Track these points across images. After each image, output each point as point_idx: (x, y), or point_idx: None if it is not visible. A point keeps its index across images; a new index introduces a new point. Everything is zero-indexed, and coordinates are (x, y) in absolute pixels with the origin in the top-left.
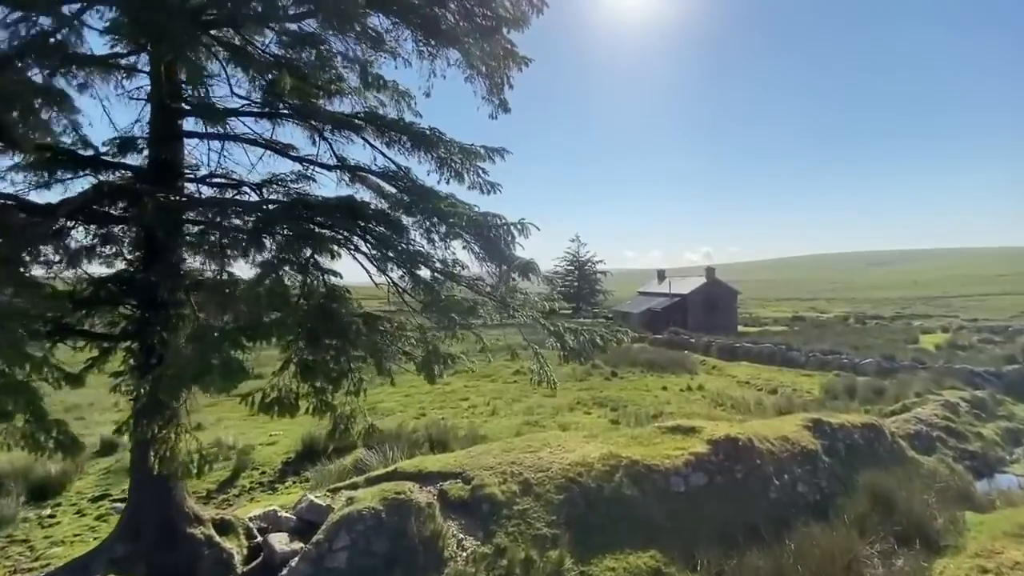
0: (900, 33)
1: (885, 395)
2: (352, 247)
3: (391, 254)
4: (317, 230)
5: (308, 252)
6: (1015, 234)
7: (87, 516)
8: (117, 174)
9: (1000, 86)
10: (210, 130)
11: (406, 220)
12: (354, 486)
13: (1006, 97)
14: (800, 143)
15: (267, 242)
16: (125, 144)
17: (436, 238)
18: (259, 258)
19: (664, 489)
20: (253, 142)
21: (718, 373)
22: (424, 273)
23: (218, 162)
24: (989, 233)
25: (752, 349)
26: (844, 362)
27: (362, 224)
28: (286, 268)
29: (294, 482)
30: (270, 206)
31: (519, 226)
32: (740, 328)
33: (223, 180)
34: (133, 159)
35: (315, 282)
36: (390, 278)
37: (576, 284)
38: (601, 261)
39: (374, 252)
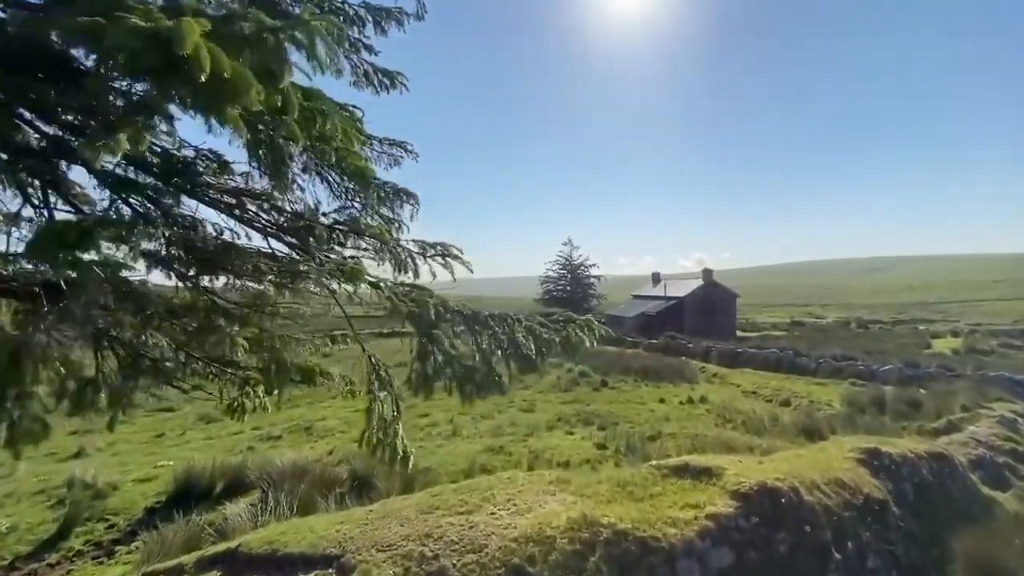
0: (893, 39)
1: (923, 409)
2: None
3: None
4: None
5: None
6: (1010, 240)
7: None
8: None
9: (996, 92)
10: None
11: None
12: (179, 569)
13: (1003, 102)
14: (792, 150)
15: None
16: None
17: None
18: None
19: None
20: None
21: (720, 382)
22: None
23: None
24: (984, 239)
25: (756, 355)
26: (860, 369)
27: None
28: None
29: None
30: None
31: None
32: (738, 333)
33: None
34: None
35: None
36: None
37: (569, 288)
38: (595, 265)
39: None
